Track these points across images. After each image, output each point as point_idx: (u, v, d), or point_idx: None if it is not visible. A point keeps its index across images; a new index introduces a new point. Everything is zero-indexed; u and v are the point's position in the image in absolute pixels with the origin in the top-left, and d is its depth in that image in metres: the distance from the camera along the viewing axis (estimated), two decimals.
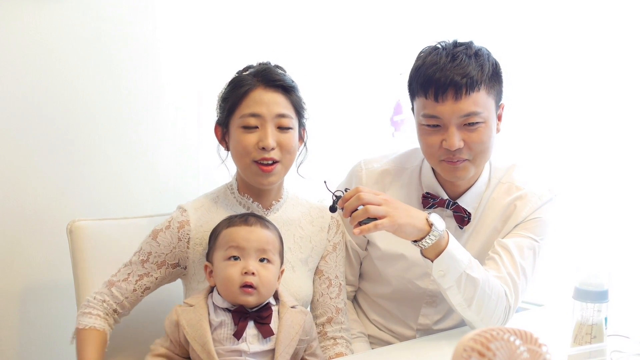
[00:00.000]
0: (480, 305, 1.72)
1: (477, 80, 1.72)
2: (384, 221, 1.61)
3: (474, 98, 1.72)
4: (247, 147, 1.69)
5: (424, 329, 1.98)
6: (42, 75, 2.06)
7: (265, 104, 1.69)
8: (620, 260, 2.32)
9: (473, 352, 1.04)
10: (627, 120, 2.38)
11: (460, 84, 1.71)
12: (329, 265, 1.84)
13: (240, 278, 1.58)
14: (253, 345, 1.58)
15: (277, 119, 1.69)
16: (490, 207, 1.89)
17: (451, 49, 1.77)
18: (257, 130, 1.69)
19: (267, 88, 1.71)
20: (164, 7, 2.26)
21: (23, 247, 2.08)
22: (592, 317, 1.55)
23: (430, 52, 1.79)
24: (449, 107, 1.73)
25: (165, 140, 2.31)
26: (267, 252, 1.62)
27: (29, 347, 2.11)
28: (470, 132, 1.75)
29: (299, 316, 1.66)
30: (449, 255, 1.67)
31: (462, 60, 1.73)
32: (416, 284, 1.93)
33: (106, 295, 1.71)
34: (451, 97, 1.72)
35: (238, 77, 1.76)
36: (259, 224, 1.64)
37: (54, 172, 2.10)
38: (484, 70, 1.74)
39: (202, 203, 1.78)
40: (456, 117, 1.73)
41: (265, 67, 1.75)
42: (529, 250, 1.82)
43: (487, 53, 1.79)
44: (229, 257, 1.61)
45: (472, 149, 1.77)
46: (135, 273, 1.72)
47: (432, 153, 1.80)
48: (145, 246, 1.74)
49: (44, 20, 2.04)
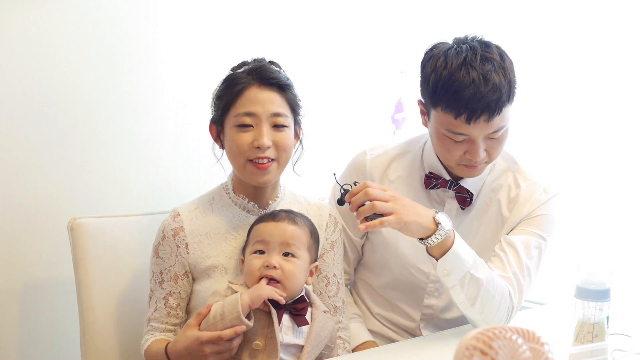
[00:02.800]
0: (483, 305, 1.72)
1: (506, 98, 1.71)
2: (390, 218, 1.61)
3: (503, 114, 1.72)
4: (242, 146, 1.68)
5: (427, 319, 1.97)
6: (43, 74, 2.06)
7: (260, 102, 1.68)
8: (622, 258, 2.32)
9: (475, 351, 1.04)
10: (628, 117, 2.37)
11: (494, 108, 1.69)
12: (327, 264, 1.83)
13: (260, 271, 1.61)
14: (287, 336, 1.59)
15: (273, 117, 1.68)
16: (493, 190, 1.89)
17: (479, 64, 1.69)
18: (252, 129, 1.68)
19: (261, 86, 1.69)
20: (164, 7, 2.26)
21: (24, 245, 2.07)
22: (594, 316, 1.55)
23: (459, 65, 1.69)
24: (479, 128, 1.71)
25: (166, 137, 2.31)
26: (291, 246, 1.64)
27: (29, 344, 2.11)
28: (493, 141, 1.76)
29: (330, 322, 1.68)
30: (454, 255, 1.67)
31: (494, 81, 1.68)
32: (419, 268, 1.92)
33: (150, 331, 1.73)
34: (483, 120, 1.70)
35: (232, 74, 1.74)
36: (286, 219, 1.67)
37: (55, 169, 2.10)
38: (511, 87, 1.72)
39: (197, 205, 1.78)
40: (485, 133, 1.73)
41: (259, 65, 1.74)
42: (536, 249, 1.82)
43: (510, 63, 1.74)
44: (254, 251, 1.64)
45: (492, 154, 1.78)
46: (159, 299, 1.72)
47: (451, 159, 1.79)
48: (154, 268, 1.74)
49: (44, 19, 2.04)
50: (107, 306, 1.88)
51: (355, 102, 2.78)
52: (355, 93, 2.78)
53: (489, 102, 1.67)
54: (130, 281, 1.91)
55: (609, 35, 2.39)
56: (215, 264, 1.72)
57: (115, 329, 1.88)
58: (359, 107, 2.80)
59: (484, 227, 1.89)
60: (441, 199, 1.91)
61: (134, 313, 1.88)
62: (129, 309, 1.90)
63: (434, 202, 1.91)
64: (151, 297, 1.74)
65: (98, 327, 1.86)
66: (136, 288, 1.90)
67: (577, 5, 2.46)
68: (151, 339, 1.71)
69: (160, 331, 1.72)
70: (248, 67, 1.74)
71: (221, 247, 1.73)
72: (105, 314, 1.87)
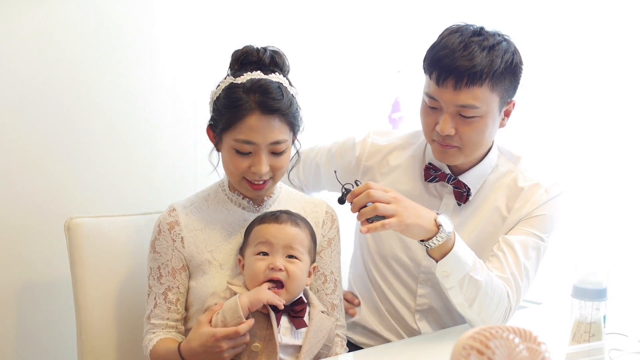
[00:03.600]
0: (482, 307, 1.72)
1: (481, 74, 1.71)
2: (392, 221, 1.61)
3: (475, 92, 1.72)
4: (239, 169, 1.67)
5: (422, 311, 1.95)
6: (39, 73, 2.05)
7: (261, 132, 1.63)
8: (619, 258, 2.32)
9: (472, 350, 1.04)
10: (626, 116, 2.37)
11: (463, 74, 1.70)
12: (324, 261, 1.83)
13: (265, 273, 1.61)
14: (285, 337, 1.60)
15: (272, 145, 1.66)
16: (494, 189, 1.88)
17: (469, 36, 1.74)
18: (250, 156, 1.66)
19: (264, 114, 1.64)
20: (162, 4, 2.25)
21: (20, 245, 2.07)
22: (591, 315, 1.55)
23: (450, 33, 1.77)
24: (447, 94, 1.73)
25: (162, 137, 2.30)
26: (294, 249, 1.64)
27: (26, 344, 2.11)
28: (464, 123, 1.75)
29: (327, 321, 1.68)
30: (454, 257, 1.66)
31: (472, 51, 1.71)
32: (410, 258, 1.92)
33: (151, 329, 1.72)
34: (451, 85, 1.72)
35: (234, 93, 1.66)
36: (289, 222, 1.67)
37: (51, 169, 2.10)
38: (493, 66, 1.72)
39: (193, 201, 1.78)
40: (452, 105, 1.74)
41: (264, 87, 1.65)
42: (534, 250, 1.82)
43: (505, 49, 1.75)
44: (257, 252, 1.64)
45: (463, 140, 1.77)
46: (159, 295, 1.71)
47: (427, 132, 1.83)
48: (152, 263, 1.73)
49: (42, 17, 2.03)
50: (104, 306, 1.87)
51: (352, 102, 2.77)
52: (352, 92, 2.77)
53: (459, 66, 1.70)
54: (127, 281, 1.91)
55: (611, 35, 2.38)
56: (210, 259, 1.72)
57: (112, 328, 1.88)
58: (356, 106, 2.79)
59: (482, 225, 1.88)
60: (439, 193, 1.91)
61: (131, 313, 1.88)
62: (125, 309, 1.89)
63: (432, 196, 1.90)
64: (149, 293, 1.73)
65: (95, 327, 1.86)
66: (133, 288, 1.89)
67: (579, 5, 2.46)
68: (155, 339, 1.70)
69: (161, 328, 1.71)
70: (251, 82, 1.66)
71: (216, 242, 1.73)
72: (102, 313, 1.87)
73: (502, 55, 1.74)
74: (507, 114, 1.84)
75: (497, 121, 1.81)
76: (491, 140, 1.86)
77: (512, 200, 1.86)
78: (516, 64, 1.78)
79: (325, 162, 2.07)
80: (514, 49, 1.79)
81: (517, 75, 1.80)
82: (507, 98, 1.80)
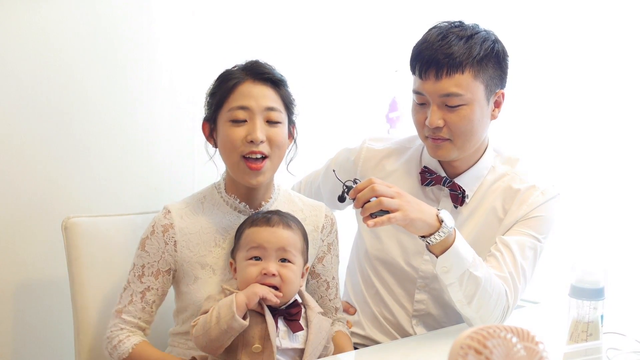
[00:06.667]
0: (480, 304, 1.72)
1: (460, 61, 1.74)
2: (397, 215, 1.61)
3: (456, 79, 1.75)
4: (235, 142, 1.66)
5: (419, 316, 1.95)
6: (37, 73, 2.05)
7: (254, 97, 1.67)
8: (617, 257, 2.32)
9: (470, 350, 1.04)
10: (624, 117, 2.37)
11: (442, 63, 1.74)
12: (326, 268, 1.84)
13: (259, 279, 1.59)
14: (284, 340, 1.59)
15: (266, 112, 1.67)
16: (491, 191, 1.89)
17: (447, 28, 1.80)
18: (246, 124, 1.67)
19: (255, 81, 1.69)
20: (159, 5, 2.25)
21: (18, 244, 2.07)
22: (588, 315, 1.55)
23: (430, 29, 1.83)
24: (429, 85, 1.77)
25: (160, 136, 2.30)
26: (287, 252, 1.62)
27: (23, 344, 2.11)
28: (451, 113, 1.77)
29: (326, 323, 1.68)
30: (454, 252, 1.67)
31: (450, 41, 1.76)
32: (410, 263, 1.93)
33: (120, 324, 1.70)
34: (432, 75, 1.76)
35: (226, 71, 1.74)
36: (281, 224, 1.64)
37: (49, 168, 2.09)
38: (471, 53, 1.75)
39: (188, 204, 1.76)
40: (436, 95, 1.76)
41: (253, 62, 1.74)
42: (531, 251, 1.82)
43: (484, 37, 1.79)
44: (250, 257, 1.62)
45: (452, 130, 1.79)
46: (136, 292, 1.71)
47: (419, 130, 1.86)
48: (137, 260, 1.72)
49: (40, 16, 2.03)
50: (101, 305, 1.87)
51: (349, 101, 2.78)
52: (350, 92, 2.77)
53: (437, 55, 1.74)
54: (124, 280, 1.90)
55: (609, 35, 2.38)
56: (203, 263, 1.71)
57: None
58: (353, 106, 2.80)
59: (479, 228, 1.88)
60: (436, 197, 1.92)
61: None
62: None
63: (429, 200, 1.91)
64: (126, 288, 1.72)
65: (92, 327, 1.86)
66: None
67: (577, 5, 2.46)
68: (127, 342, 1.67)
69: (131, 326, 1.70)
70: (242, 65, 1.74)
71: (210, 247, 1.72)
72: (99, 313, 1.87)
73: (480, 43, 1.77)
74: (497, 104, 1.85)
75: (487, 112, 1.82)
76: (483, 132, 1.85)
77: (509, 203, 1.87)
78: (498, 52, 1.81)
79: (324, 179, 2.10)
80: (494, 38, 1.82)
81: (501, 64, 1.82)
82: (494, 87, 1.82)
